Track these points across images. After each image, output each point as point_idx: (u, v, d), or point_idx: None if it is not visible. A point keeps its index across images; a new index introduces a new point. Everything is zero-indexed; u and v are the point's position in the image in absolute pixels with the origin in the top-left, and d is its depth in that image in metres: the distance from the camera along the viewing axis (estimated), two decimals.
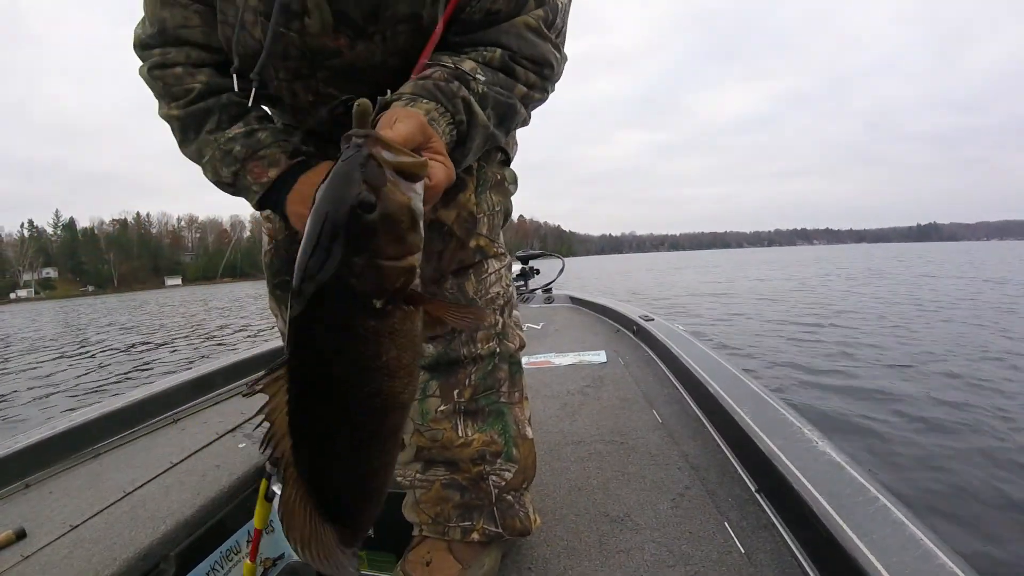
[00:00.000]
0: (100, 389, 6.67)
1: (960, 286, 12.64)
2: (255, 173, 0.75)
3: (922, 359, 5.01)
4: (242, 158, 0.76)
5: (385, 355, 0.43)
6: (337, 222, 0.39)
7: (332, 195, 0.40)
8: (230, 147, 0.76)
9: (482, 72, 0.68)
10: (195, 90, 0.77)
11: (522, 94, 0.73)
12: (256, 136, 0.76)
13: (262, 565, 1.23)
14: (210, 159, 0.78)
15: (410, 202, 0.41)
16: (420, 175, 0.43)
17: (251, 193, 0.77)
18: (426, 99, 0.63)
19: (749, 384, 1.37)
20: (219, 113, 0.77)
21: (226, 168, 0.77)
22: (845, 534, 0.73)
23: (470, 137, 0.68)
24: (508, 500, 0.87)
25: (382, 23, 0.70)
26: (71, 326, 19.47)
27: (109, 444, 1.48)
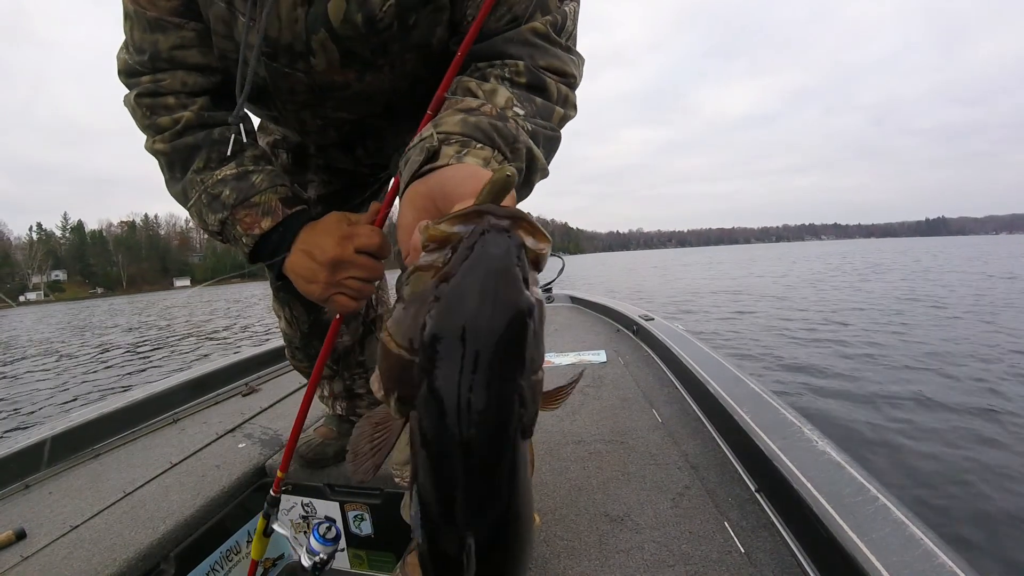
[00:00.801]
0: (108, 389, 6.68)
1: (967, 282, 12.63)
2: (245, 223, 0.67)
3: (922, 360, 5.01)
4: (231, 204, 0.67)
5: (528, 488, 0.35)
6: (507, 337, 0.28)
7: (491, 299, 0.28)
8: (218, 191, 0.68)
9: (519, 104, 0.59)
10: (183, 120, 0.69)
11: (559, 117, 0.65)
12: (249, 179, 0.68)
13: (262, 565, 1.23)
14: (195, 203, 0.69)
15: (543, 301, 0.32)
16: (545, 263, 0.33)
17: (241, 245, 0.69)
18: (482, 144, 0.52)
19: (749, 384, 1.37)
20: (208, 149, 0.69)
21: (213, 215, 0.68)
22: (845, 534, 0.73)
23: (528, 183, 0.60)
24: None
25: (391, 55, 0.69)
26: (78, 327, 19.47)
27: (109, 444, 1.48)
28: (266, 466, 1.29)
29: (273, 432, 1.49)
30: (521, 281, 0.29)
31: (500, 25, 0.62)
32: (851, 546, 0.71)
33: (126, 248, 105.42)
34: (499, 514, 0.32)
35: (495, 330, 0.28)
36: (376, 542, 1.20)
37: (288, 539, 1.29)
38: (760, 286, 14.26)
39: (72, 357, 10.33)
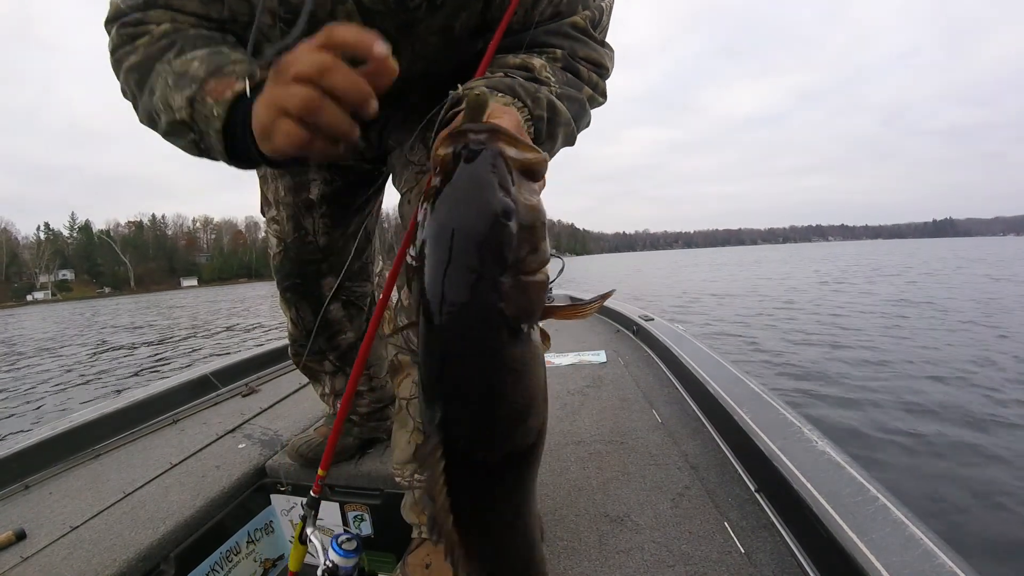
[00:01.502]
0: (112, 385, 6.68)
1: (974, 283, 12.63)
2: (216, 91, 0.53)
3: (924, 360, 5.01)
4: (202, 77, 0.54)
5: (537, 385, 0.37)
6: (479, 236, 0.32)
7: (464, 203, 0.33)
8: (186, 68, 0.55)
9: (551, 70, 0.64)
10: (160, 32, 0.60)
11: (588, 95, 0.69)
12: (222, 54, 0.57)
13: (262, 565, 1.23)
14: (161, 93, 0.57)
15: (539, 205, 0.36)
16: (543, 173, 0.37)
17: (211, 123, 0.53)
18: (503, 93, 0.56)
19: (749, 384, 1.37)
20: (182, 43, 0.59)
21: (180, 94, 0.55)
22: (845, 534, 0.73)
23: (551, 136, 0.62)
24: None
25: (415, 36, 0.68)
26: (85, 326, 19.48)
27: (109, 445, 1.48)
28: (266, 466, 1.29)
29: (273, 432, 1.49)
30: (495, 186, 0.32)
31: (544, 18, 0.67)
32: (851, 546, 0.71)
33: (133, 248, 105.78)
34: (472, 396, 0.35)
35: (467, 230, 0.32)
36: (376, 542, 1.20)
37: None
38: (765, 289, 14.25)
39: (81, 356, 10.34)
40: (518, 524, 0.42)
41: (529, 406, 0.37)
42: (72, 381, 7.58)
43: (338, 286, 1.10)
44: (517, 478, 0.40)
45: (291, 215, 1.02)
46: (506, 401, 0.36)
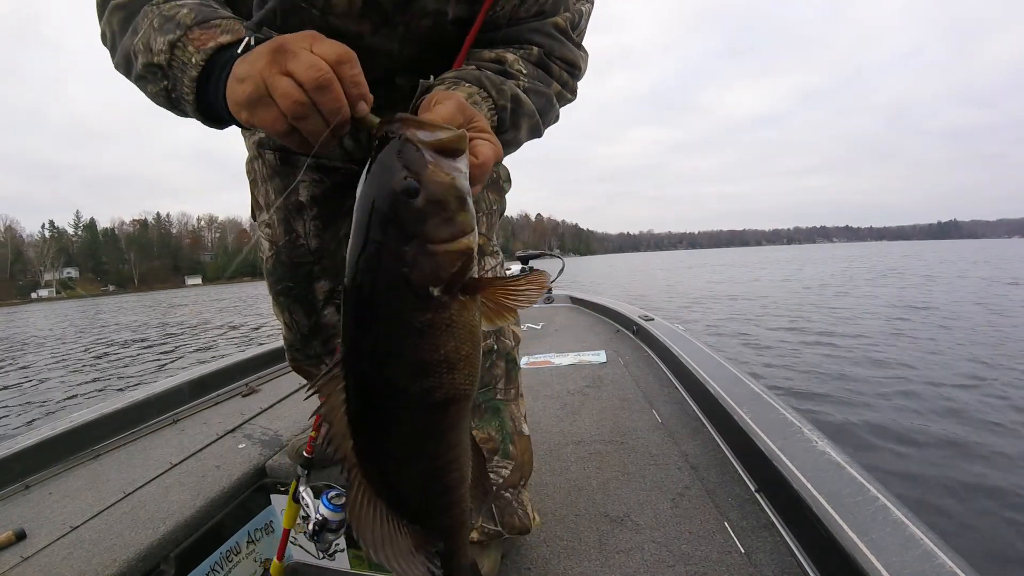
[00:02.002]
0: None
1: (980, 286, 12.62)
2: (200, 41, 0.52)
3: (925, 360, 5.01)
4: (188, 24, 0.53)
5: (444, 348, 0.41)
6: (382, 212, 0.38)
7: (374, 185, 0.38)
8: (175, 12, 0.54)
9: (523, 65, 0.69)
10: None
11: (556, 91, 0.73)
12: (213, 7, 0.56)
13: (262, 565, 1.23)
14: (144, 33, 0.55)
15: (454, 181, 0.39)
16: (461, 150, 0.41)
17: (188, 70, 0.52)
18: (469, 83, 0.61)
19: (749, 384, 1.37)
20: None
21: (162, 37, 0.53)
22: (845, 534, 0.73)
23: (515, 125, 0.66)
24: (506, 497, 0.87)
25: (409, 14, 0.69)
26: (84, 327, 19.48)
27: (109, 445, 1.48)
28: (266, 466, 1.28)
29: (273, 432, 1.49)
30: (396, 167, 0.38)
31: (528, 15, 0.71)
32: (851, 546, 0.71)
33: (138, 246, 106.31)
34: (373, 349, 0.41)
35: (373, 207, 0.38)
36: None
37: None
38: (768, 292, 14.25)
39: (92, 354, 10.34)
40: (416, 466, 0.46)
41: (432, 365, 0.41)
42: (73, 380, 7.58)
43: (332, 290, 1.09)
44: (418, 426, 0.44)
45: (282, 218, 1.00)
46: (404, 359, 0.40)
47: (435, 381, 0.42)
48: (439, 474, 0.48)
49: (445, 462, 0.47)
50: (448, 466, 0.47)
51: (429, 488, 0.48)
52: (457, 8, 0.69)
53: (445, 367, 0.42)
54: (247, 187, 1.03)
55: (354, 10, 0.68)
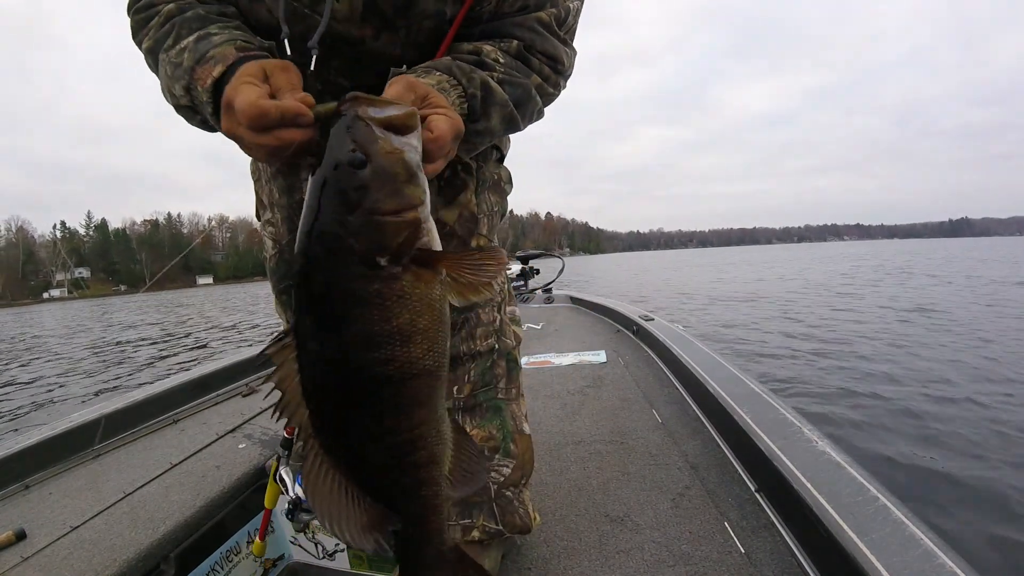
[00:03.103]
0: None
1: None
2: (201, 79, 0.57)
3: (926, 361, 5.01)
4: (190, 66, 0.58)
5: (396, 320, 0.41)
6: (330, 183, 0.39)
7: (325, 160, 0.40)
8: (180, 59, 0.60)
9: (500, 55, 0.69)
10: (165, 13, 0.64)
11: (537, 84, 0.73)
12: (209, 39, 0.60)
13: (262, 565, 1.23)
14: (166, 83, 0.62)
15: (403, 154, 0.41)
16: (411, 125, 0.42)
17: (205, 106, 0.58)
18: (439, 71, 0.62)
19: (749, 384, 1.37)
20: (179, 28, 0.63)
21: (178, 84, 0.60)
22: (845, 534, 0.73)
23: (486, 114, 0.66)
24: (507, 496, 0.87)
25: (410, 17, 0.70)
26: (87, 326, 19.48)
27: (109, 445, 1.48)
28: (266, 466, 1.28)
29: (273, 432, 1.49)
30: (344, 142, 0.40)
31: (513, 10, 0.72)
32: (851, 546, 0.71)
33: (149, 246, 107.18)
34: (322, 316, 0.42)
35: (322, 180, 0.40)
36: None
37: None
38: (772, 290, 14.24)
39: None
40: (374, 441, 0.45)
41: (384, 337, 0.41)
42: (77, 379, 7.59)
43: None
44: (374, 400, 0.44)
45: (286, 216, 1.00)
46: (353, 329, 0.41)
47: (388, 353, 0.42)
48: (400, 452, 0.46)
49: (407, 440, 0.46)
50: (412, 445, 0.46)
51: (389, 465, 0.47)
52: (455, 7, 0.70)
53: (398, 339, 0.41)
54: None
55: (355, 15, 0.68)
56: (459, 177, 0.81)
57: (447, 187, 0.81)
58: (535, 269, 4.88)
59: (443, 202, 0.80)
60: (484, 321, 0.86)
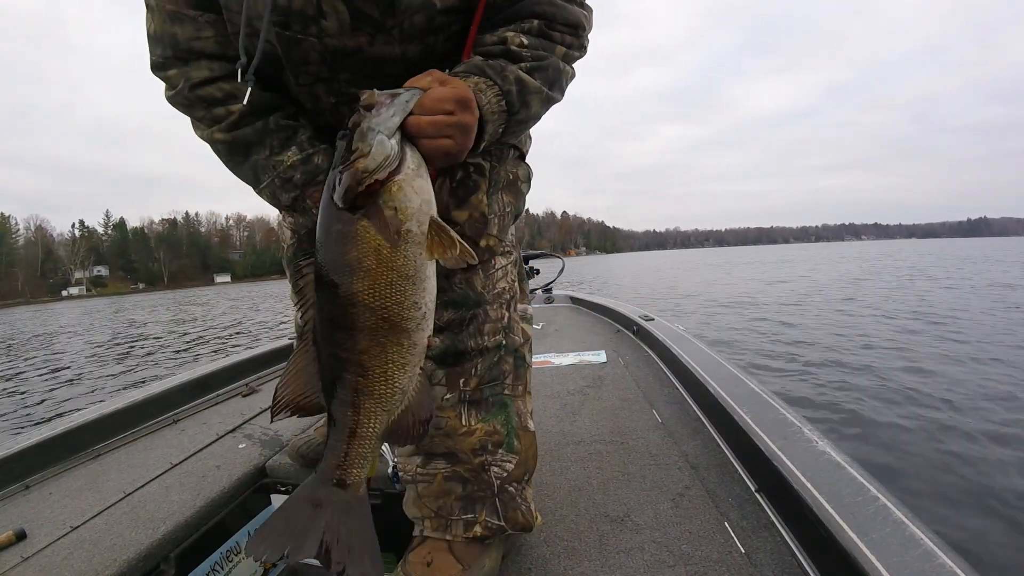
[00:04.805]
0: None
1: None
2: (315, 198, 0.79)
3: (926, 361, 5.02)
4: (302, 184, 0.80)
5: (346, 255, 0.53)
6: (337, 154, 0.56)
7: None
8: (290, 175, 0.80)
9: (524, 38, 0.72)
10: (236, 111, 0.77)
11: (562, 54, 0.76)
12: (313, 162, 0.80)
13: (263, 566, 1.23)
14: (268, 185, 0.82)
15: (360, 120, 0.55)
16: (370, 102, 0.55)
17: (310, 210, 0.82)
18: (475, 75, 0.68)
19: (749, 384, 1.37)
20: (270, 138, 0.79)
21: (286, 194, 0.82)
22: (845, 534, 0.73)
23: (525, 104, 0.72)
24: (510, 492, 0.87)
25: (399, 15, 0.70)
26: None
27: (109, 445, 1.48)
28: (266, 466, 1.29)
29: (273, 432, 1.49)
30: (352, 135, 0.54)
31: None
32: (851, 546, 0.71)
33: (167, 245, 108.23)
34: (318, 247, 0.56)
35: None
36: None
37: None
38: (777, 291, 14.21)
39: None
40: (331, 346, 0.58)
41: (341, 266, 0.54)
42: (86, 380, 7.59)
43: None
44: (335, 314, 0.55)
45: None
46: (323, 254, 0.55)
47: (338, 279, 0.54)
48: (343, 367, 0.57)
49: (350, 359, 0.56)
50: (353, 366, 0.56)
51: (331, 371, 0.58)
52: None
53: (346, 270, 0.53)
54: None
55: (345, 27, 0.70)
56: (471, 178, 0.82)
57: (459, 188, 0.81)
58: (535, 269, 4.88)
59: (455, 203, 0.81)
60: (492, 318, 0.87)
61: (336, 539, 0.59)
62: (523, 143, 0.97)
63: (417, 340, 0.57)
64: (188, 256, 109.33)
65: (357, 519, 0.61)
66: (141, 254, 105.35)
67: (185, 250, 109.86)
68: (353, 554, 0.59)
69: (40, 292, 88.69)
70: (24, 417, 5.62)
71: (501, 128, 0.70)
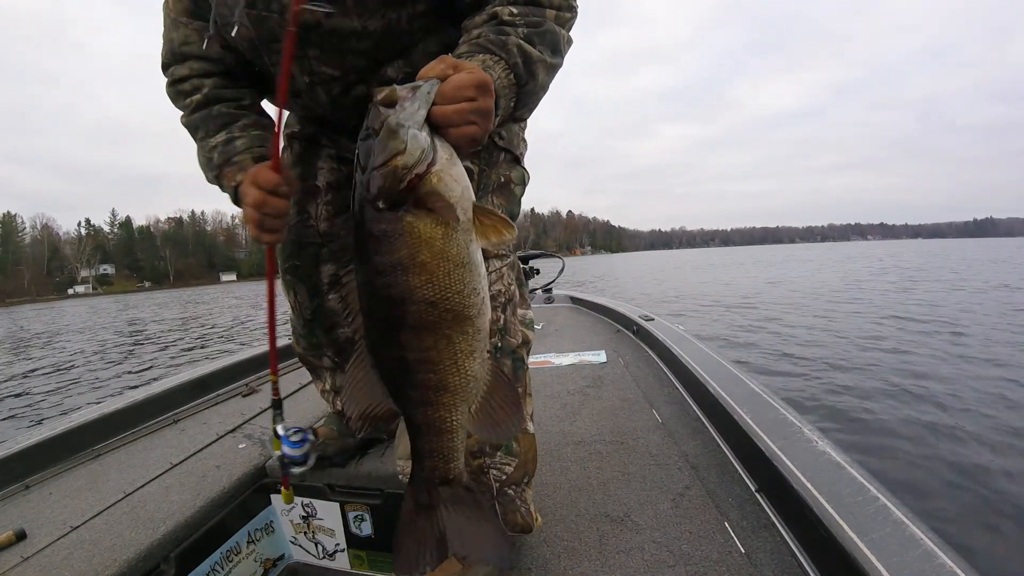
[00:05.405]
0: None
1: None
2: (227, 177, 0.86)
3: (927, 362, 5.01)
4: (218, 164, 0.87)
5: (398, 253, 0.51)
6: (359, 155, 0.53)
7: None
8: (211, 156, 0.88)
9: (513, 7, 0.73)
10: (194, 102, 0.90)
11: (553, 17, 0.77)
12: (233, 144, 0.87)
13: (263, 566, 1.23)
14: (201, 165, 0.92)
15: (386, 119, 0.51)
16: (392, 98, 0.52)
17: (227, 192, 0.88)
18: (479, 54, 0.68)
19: (749, 384, 1.37)
20: (208, 123, 0.90)
21: (209, 172, 0.90)
22: (845, 534, 0.73)
23: (531, 74, 0.72)
24: (509, 494, 0.87)
25: None
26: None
27: (109, 445, 1.48)
28: (266, 466, 1.28)
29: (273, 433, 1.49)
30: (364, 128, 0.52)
31: None
32: (851, 546, 0.71)
33: (173, 243, 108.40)
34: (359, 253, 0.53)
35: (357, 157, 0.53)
36: (376, 543, 1.20)
37: (288, 536, 1.29)
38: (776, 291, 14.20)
39: None
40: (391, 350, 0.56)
41: (391, 267, 0.52)
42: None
43: (336, 275, 1.12)
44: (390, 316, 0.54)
45: (296, 199, 1.06)
46: (373, 258, 0.52)
47: (392, 279, 0.52)
48: (410, 368, 0.55)
49: (416, 359, 0.55)
50: (421, 365, 0.55)
51: (401, 376, 0.56)
52: None
53: (400, 270, 0.52)
54: None
55: None
56: None
57: None
58: (535, 269, 4.88)
59: None
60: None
61: (458, 533, 0.60)
62: (517, 146, 0.98)
63: (480, 326, 0.56)
64: (194, 254, 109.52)
65: (472, 508, 0.62)
66: (147, 252, 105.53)
67: (191, 248, 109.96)
68: (476, 542, 0.60)
69: (46, 290, 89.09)
70: (24, 417, 5.62)
71: (512, 102, 0.70)
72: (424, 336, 0.54)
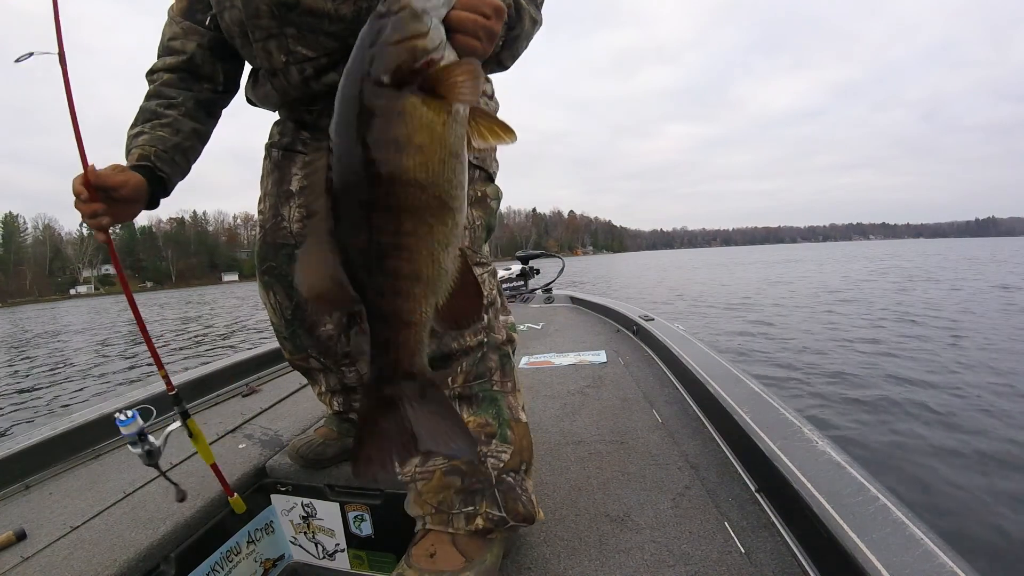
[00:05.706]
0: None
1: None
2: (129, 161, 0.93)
3: (928, 361, 5.01)
4: (127, 151, 0.94)
5: (394, 130, 0.49)
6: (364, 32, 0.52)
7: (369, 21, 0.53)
8: (127, 142, 0.96)
9: None
10: (147, 93, 0.99)
11: None
12: (137, 139, 0.93)
13: (263, 566, 1.23)
14: None
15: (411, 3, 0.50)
16: None
17: None
18: None
19: (749, 384, 1.37)
20: (139, 114, 0.97)
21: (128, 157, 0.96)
22: (845, 534, 0.73)
23: (520, 20, 0.76)
24: (508, 482, 0.88)
25: None
26: None
27: (109, 445, 1.48)
28: (266, 466, 1.29)
29: (273, 432, 1.49)
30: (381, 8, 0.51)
31: None
32: (851, 546, 0.71)
33: (175, 244, 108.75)
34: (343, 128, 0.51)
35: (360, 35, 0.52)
36: (376, 543, 1.20)
37: (288, 536, 1.29)
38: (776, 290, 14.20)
39: None
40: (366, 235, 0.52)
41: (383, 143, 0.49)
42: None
43: None
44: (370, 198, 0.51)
45: (272, 204, 1.11)
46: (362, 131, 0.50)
47: (383, 155, 0.50)
48: (383, 252, 0.53)
49: (392, 243, 0.52)
50: (396, 250, 0.52)
51: (371, 261, 0.53)
52: None
53: (394, 147, 0.50)
54: None
55: None
56: None
57: None
58: (535, 269, 4.89)
59: None
60: None
61: (423, 428, 0.57)
62: (490, 165, 1.02)
63: (459, 220, 0.55)
64: (196, 255, 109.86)
65: (436, 403, 0.59)
66: (149, 253, 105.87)
67: (193, 249, 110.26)
68: (443, 437, 0.58)
69: (48, 291, 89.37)
70: (25, 417, 5.62)
71: (500, 42, 0.73)
72: (405, 220, 0.52)
